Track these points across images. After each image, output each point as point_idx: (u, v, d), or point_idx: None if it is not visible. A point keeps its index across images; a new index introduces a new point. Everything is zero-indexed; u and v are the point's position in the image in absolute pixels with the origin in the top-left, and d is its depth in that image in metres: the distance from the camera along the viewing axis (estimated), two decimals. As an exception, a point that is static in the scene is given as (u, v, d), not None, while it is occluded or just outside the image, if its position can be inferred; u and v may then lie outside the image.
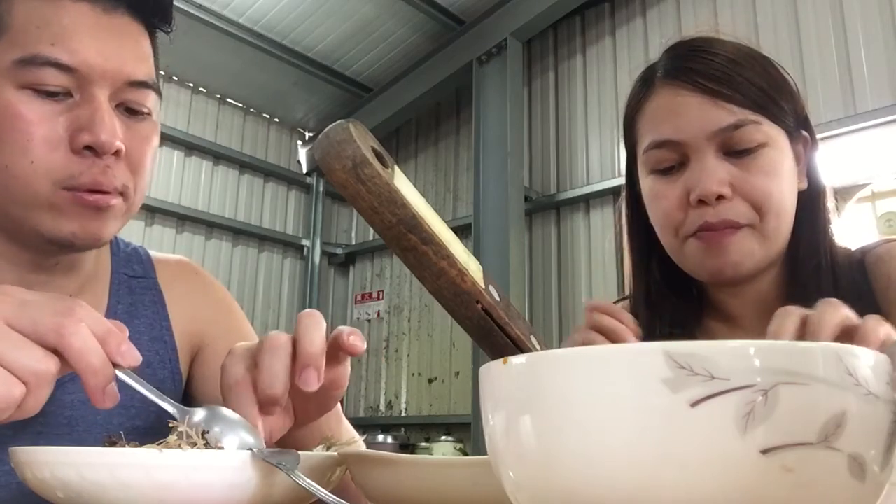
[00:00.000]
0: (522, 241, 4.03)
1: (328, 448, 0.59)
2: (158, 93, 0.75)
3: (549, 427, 0.30)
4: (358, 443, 0.70)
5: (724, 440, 0.27)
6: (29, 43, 0.67)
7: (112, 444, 0.53)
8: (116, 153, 0.69)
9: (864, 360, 0.29)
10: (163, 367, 0.81)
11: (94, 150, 0.68)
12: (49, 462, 0.46)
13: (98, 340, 0.49)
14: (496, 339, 0.52)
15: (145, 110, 0.74)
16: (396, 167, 0.52)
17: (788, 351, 0.28)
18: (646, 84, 0.91)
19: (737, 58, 0.85)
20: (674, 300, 0.93)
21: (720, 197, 0.81)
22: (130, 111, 0.73)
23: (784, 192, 0.84)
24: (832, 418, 0.27)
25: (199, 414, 0.53)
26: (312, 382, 0.55)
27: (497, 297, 0.53)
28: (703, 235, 0.83)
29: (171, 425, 0.52)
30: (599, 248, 3.98)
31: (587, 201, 4.07)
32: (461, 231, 4.21)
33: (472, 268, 0.52)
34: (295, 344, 0.56)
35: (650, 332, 0.91)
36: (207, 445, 0.51)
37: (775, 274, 0.88)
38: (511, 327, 0.52)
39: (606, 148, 4.06)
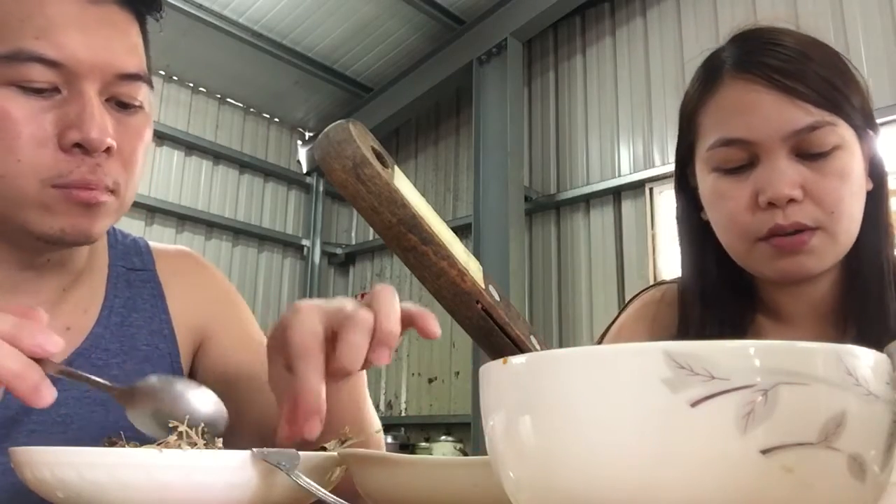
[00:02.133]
0: (522, 241, 4.03)
1: (342, 443, 0.59)
2: (150, 84, 0.73)
3: (549, 427, 0.30)
4: (380, 433, 0.70)
5: (724, 440, 0.27)
6: (12, 37, 0.64)
7: (112, 443, 0.53)
8: (107, 150, 0.67)
9: (864, 360, 0.29)
10: (162, 360, 0.81)
11: (83, 148, 0.66)
12: (49, 462, 0.46)
13: (9, 340, 0.47)
14: (496, 339, 0.52)
15: (137, 103, 0.71)
16: (396, 167, 0.52)
17: (788, 351, 0.28)
18: (711, 76, 0.86)
19: (809, 51, 0.82)
20: (727, 298, 0.90)
21: (791, 200, 0.78)
22: (121, 104, 0.70)
23: (855, 195, 0.81)
24: (832, 418, 0.27)
25: (149, 381, 0.54)
26: (385, 358, 0.55)
27: (497, 297, 0.53)
28: (775, 242, 0.80)
29: (171, 425, 0.52)
30: (599, 248, 3.98)
31: (587, 201, 4.07)
32: (461, 231, 4.21)
33: (472, 268, 0.52)
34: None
35: (701, 331, 0.89)
36: (207, 445, 0.51)
37: (834, 274, 0.85)
38: (511, 327, 0.52)
39: (606, 148, 4.06)
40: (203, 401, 0.55)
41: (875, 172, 0.86)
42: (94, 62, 0.67)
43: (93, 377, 0.53)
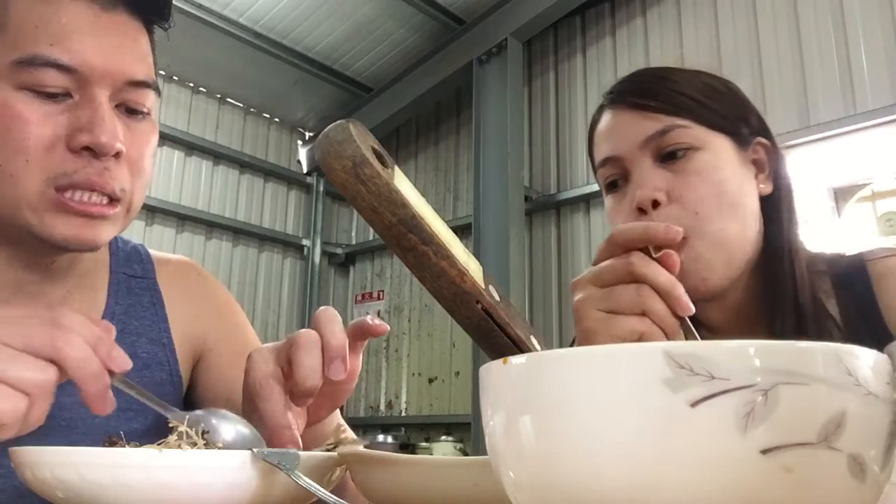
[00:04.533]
0: (522, 241, 4.03)
1: (334, 447, 0.59)
2: (158, 92, 0.75)
3: (549, 427, 0.30)
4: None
5: (724, 440, 0.27)
6: (27, 43, 0.66)
7: (112, 444, 0.53)
8: (116, 155, 0.68)
9: (864, 360, 0.29)
10: (161, 368, 0.81)
11: (92, 151, 0.67)
12: (49, 462, 0.46)
13: (91, 347, 0.50)
14: (496, 339, 0.52)
15: (145, 110, 0.73)
16: (396, 167, 0.52)
17: (788, 351, 0.28)
18: (595, 116, 0.96)
19: (666, 75, 0.90)
20: None
21: (656, 204, 0.82)
22: (130, 111, 0.72)
23: (726, 194, 0.82)
24: (832, 418, 0.27)
25: (195, 414, 0.54)
26: (340, 371, 0.58)
27: (497, 297, 0.53)
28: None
29: (171, 425, 0.52)
30: (599, 248, 3.97)
31: (587, 201, 4.07)
32: (461, 231, 4.21)
33: (472, 268, 0.52)
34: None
35: None
36: (207, 445, 0.51)
37: (748, 282, 0.87)
38: (511, 327, 0.52)
39: (606, 148, 4.05)
40: (246, 431, 0.55)
41: (776, 177, 0.90)
42: (106, 69, 0.68)
43: (151, 395, 0.54)
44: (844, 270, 0.88)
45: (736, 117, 0.88)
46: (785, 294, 0.84)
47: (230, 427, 0.54)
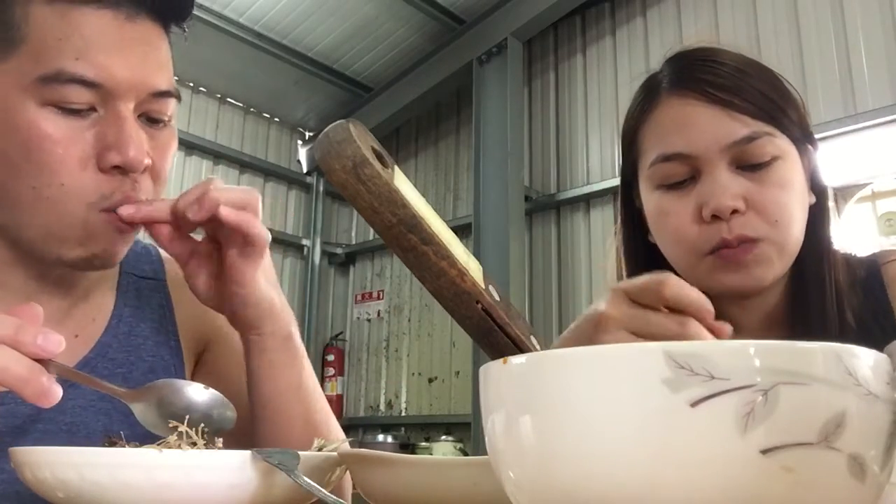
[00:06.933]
0: (522, 241, 4.03)
1: (321, 449, 0.59)
2: (179, 98, 0.74)
3: (549, 427, 0.30)
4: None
5: (724, 440, 0.27)
6: (51, 57, 0.64)
7: (112, 444, 0.53)
8: (144, 168, 0.68)
9: (864, 360, 0.29)
10: (166, 371, 0.80)
11: (121, 168, 0.67)
12: (49, 462, 0.46)
13: (11, 343, 0.47)
14: (496, 339, 0.52)
15: (166, 118, 0.72)
16: (396, 167, 0.52)
17: (788, 351, 0.28)
18: (649, 95, 0.88)
19: (744, 67, 0.84)
20: None
21: (734, 211, 0.79)
22: (151, 120, 0.71)
23: (796, 205, 0.82)
24: (832, 418, 0.27)
25: (155, 385, 0.55)
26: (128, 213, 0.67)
27: (497, 297, 0.53)
28: (722, 254, 0.80)
29: (171, 425, 0.52)
30: (599, 248, 3.97)
31: (587, 201, 4.07)
32: (461, 231, 4.20)
33: (472, 268, 0.52)
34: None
35: None
36: (207, 445, 0.51)
37: (782, 286, 0.86)
38: (511, 327, 0.52)
39: (606, 148, 4.05)
40: (205, 392, 0.55)
41: (816, 186, 0.88)
42: (132, 82, 0.67)
43: (95, 379, 0.53)
44: (862, 274, 0.88)
45: (798, 121, 0.85)
46: (830, 300, 0.83)
47: (195, 388, 0.56)
